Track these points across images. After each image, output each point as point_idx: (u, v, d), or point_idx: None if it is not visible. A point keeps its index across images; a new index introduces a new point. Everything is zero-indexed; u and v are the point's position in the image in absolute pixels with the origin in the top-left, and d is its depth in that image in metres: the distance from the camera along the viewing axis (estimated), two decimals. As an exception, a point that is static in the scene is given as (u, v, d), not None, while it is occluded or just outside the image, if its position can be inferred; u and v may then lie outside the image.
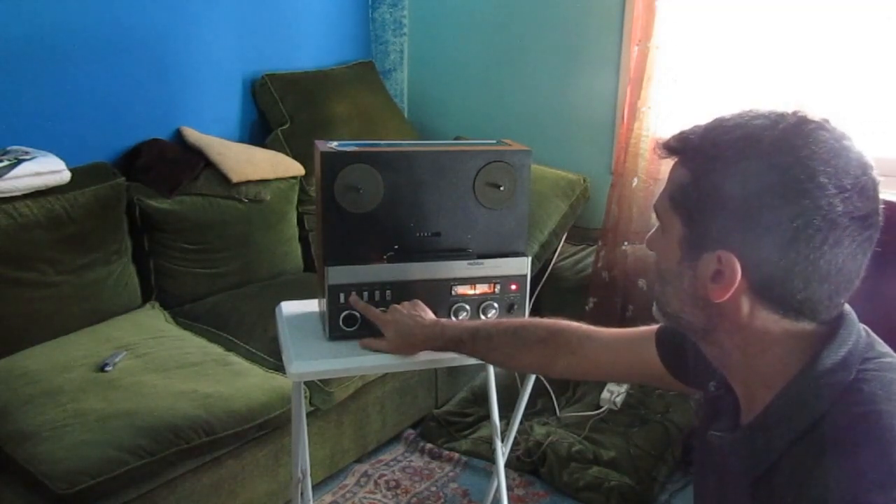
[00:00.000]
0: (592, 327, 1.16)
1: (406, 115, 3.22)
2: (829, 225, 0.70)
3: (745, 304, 0.75)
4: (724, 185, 0.73)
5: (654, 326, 1.07)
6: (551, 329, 1.18)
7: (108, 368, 1.82)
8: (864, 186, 0.71)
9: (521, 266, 1.40)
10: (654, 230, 0.86)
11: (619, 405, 2.45)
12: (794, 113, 0.75)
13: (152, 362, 1.88)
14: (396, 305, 1.30)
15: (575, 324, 1.17)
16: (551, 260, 2.73)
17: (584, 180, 2.80)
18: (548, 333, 1.17)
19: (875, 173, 0.73)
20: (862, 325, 0.78)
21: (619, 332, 1.14)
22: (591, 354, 1.13)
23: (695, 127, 0.79)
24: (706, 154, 0.76)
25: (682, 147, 0.79)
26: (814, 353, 0.75)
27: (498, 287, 1.39)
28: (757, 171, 0.72)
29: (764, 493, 0.75)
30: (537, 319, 1.22)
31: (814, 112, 0.75)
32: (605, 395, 2.47)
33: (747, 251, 0.73)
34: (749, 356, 0.78)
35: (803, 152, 0.71)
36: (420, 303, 1.32)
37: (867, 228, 0.72)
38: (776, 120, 0.74)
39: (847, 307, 0.77)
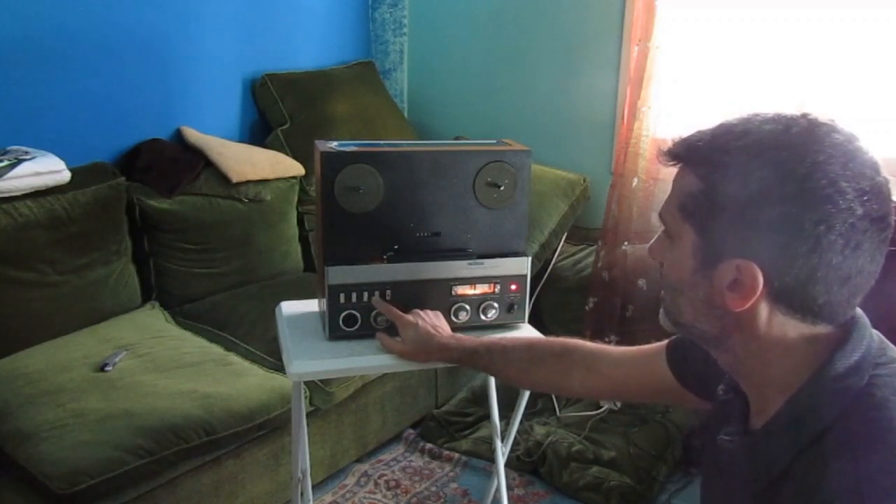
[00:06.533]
0: (604, 346, 1.17)
1: (406, 115, 3.22)
2: (850, 229, 0.69)
3: (764, 312, 0.74)
4: (741, 194, 0.72)
5: (664, 342, 1.07)
6: (567, 345, 1.18)
7: (108, 368, 1.82)
8: (881, 188, 0.71)
9: (521, 266, 1.40)
10: (656, 239, 0.84)
11: (619, 405, 2.45)
12: (803, 116, 0.74)
13: (152, 362, 1.88)
14: (420, 311, 1.31)
15: (588, 342, 1.18)
16: (551, 260, 2.73)
17: (584, 180, 2.80)
18: (562, 349, 1.18)
19: (885, 173, 0.73)
20: (875, 331, 0.77)
21: (630, 349, 1.14)
22: (604, 370, 1.13)
23: (700, 133, 0.78)
24: (717, 161, 0.74)
25: (689, 154, 0.77)
26: (826, 356, 0.74)
27: (498, 287, 1.39)
28: (775, 178, 0.70)
29: (773, 497, 0.74)
30: (553, 338, 1.23)
31: (820, 114, 0.74)
32: (605, 395, 2.47)
33: (768, 259, 0.72)
34: (764, 363, 0.77)
35: (820, 157, 0.70)
36: (441, 316, 1.32)
37: (884, 229, 0.72)
38: (787, 124, 0.73)
39: (859, 311, 0.77)
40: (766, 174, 0.71)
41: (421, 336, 1.26)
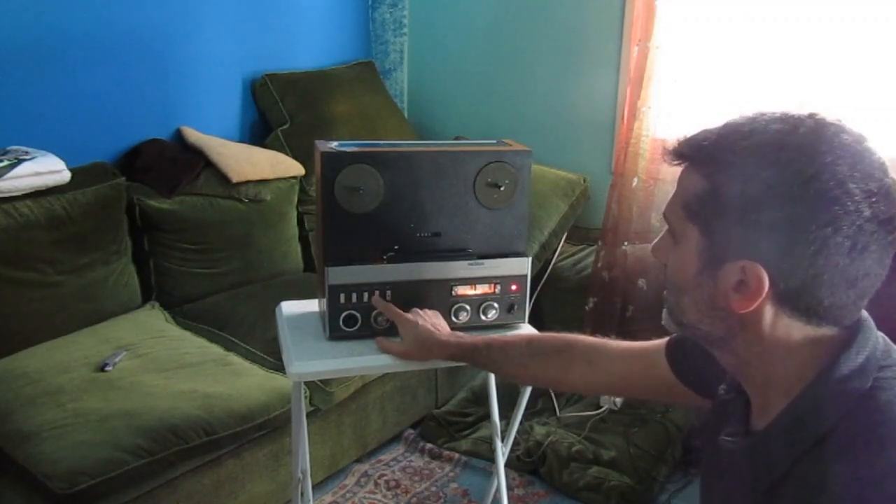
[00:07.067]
0: (603, 340, 1.16)
1: (406, 115, 3.22)
2: (857, 231, 0.68)
3: (769, 313, 0.74)
4: (747, 195, 0.71)
5: (664, 339, 1.06)
6: (566, 340, 1.17)
7: (108, 368, 1.82)
8: (889, 189, 0.70)
9: (522, 266, 1.40)
10: (660, 238, 0.83)
11: (619, 405, 2.45)
12: (811, 116, 0.73)
13: (152, 362, 1.88)
14: (419, 310, 1.31)
15: (587, 336, 1.17)
16: (551, 260, 2.73)
17: (584, 180, 2.80)
18: (563, 344, 1.17)
19: (893, 174, 0.72)
20: (880, 333, 0.77)
21: (630, 344, 1.13)
22: (605, 365, 1.13)
23: (706, 132, 0.77)
24: (723, 161, 0.73)
25: (695, 154, 0.76)
26: (831, 358, 0.73)
27: (498, 287, 1.39)
28: (781, 179, 0.69)
29: (774, 500, 0.74)
30: (551, 333, 1.22)
31: (828, 114, 0.73)
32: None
33: (773, 261, 0.71)
34: (767, 364, 0.77)
35: (828, 158, 0.69)
36: (440, 315, 1.32)
37: (892, 231, 0.71)
38: (794, 124, 0.72)
39: (864, 313, 0.76)
40: (772, 175, 0.70)
41: (421, 334, 1.26)
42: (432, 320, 1.29)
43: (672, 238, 0.81)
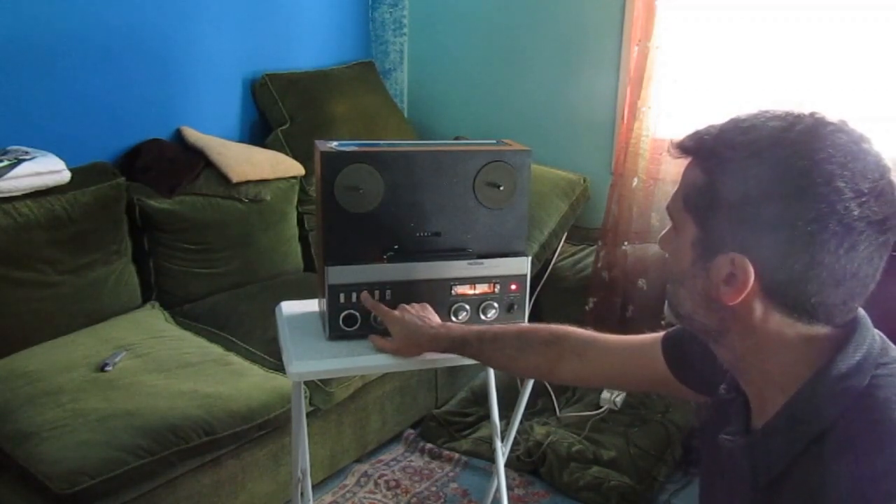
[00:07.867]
0: (597, 333, 1.16)
1: (406, 115, 3.22)
2: (844, 229, 0.69)
3: (758, 308, 0.75)
4: (738, 188, 0.72)
5: (660, 333, 1.07)
6: (557, 333, 1.17)
7: (108, 368, 1.82)
8: (882, 190, 0.70)
9: (521, 266, 1.40)
10: (667, 230, 0.85)
11: (619, 405, 2.45)
12: (812, 114, 0.74)
13: (152, 362, 1.88)
14: (406, 305, 1.30)
15: (580, 329, 1.17)
16: (551, 260, 2.73)
17: (584, 180, 2.80)
18: (553, 337, 1.17)
19: (893, 176, 0.72)
20: (876, 331, 0.77)
21: (624, 338, 1.13)
22: (597, 358, 1.13)
23: (710, 127, 0.78)
24: (721, 155, 0.75)
25: (697, 147, 0.78)
26: (828, 357, 0.74)
27: (498, 287, 1.39)
28: (772, 174, 0.71)
29: (773, 498, 0.74)
30: (543, 324, 1.21)
31: (831, 113, 0.73)
32: (605, 395, 2.47)
33: (760, 255, 0.72)
34: (762, 359, 0.77)
35: (820, 155, 0.69)
36: (428, 306, 1.32)
37: (884, 233, 0.71)
38: (793, 122, 0.73)
39: (861, 311, 0.76)
40: (763, 170, 0.71)
41: (409, 329, 1.26)
42: (420, 313, 1.29)
43: (675, 230, 0.82)
